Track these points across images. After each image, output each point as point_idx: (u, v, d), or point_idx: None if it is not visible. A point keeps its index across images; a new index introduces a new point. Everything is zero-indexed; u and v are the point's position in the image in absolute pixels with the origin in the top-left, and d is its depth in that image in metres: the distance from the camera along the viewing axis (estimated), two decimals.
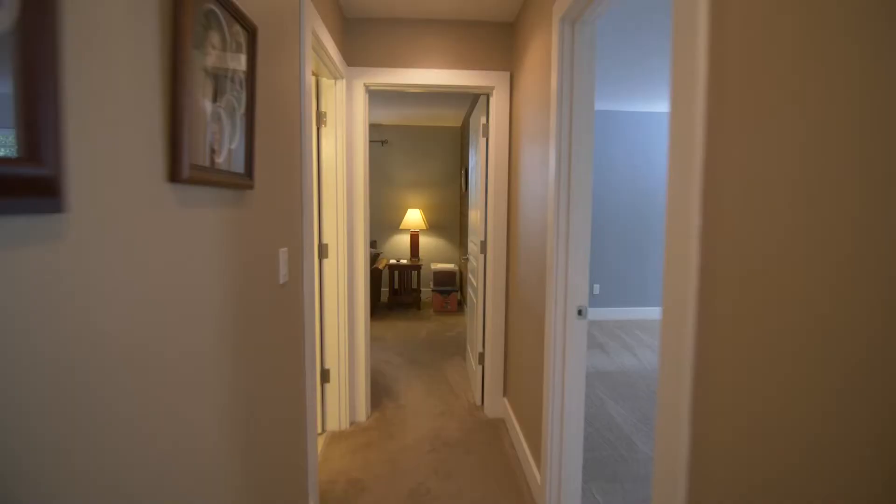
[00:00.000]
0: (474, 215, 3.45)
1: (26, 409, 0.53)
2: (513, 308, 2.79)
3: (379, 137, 6.45)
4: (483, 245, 3.05)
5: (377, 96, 4.85)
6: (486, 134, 3.04)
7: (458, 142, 6.51)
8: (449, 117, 5.93)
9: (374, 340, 4.65)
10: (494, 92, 2.92)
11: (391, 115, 5.87)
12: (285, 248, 1.65)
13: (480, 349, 3.15)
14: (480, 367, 3.16)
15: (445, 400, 3.26)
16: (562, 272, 1.99)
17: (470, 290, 3.65)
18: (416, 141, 6.48)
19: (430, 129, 6.47)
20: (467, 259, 3.82)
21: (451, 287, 5.90)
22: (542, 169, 2.27)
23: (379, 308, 6.01)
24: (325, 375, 2.83)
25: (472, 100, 4.73)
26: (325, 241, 2.75)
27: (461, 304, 6.04)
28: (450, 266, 6.07)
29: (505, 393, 3.02)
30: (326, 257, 2.75)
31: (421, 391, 3.41)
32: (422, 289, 6.50)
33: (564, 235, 1.97)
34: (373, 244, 6.23)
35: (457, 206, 6.57)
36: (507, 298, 2.94)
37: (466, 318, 4.32)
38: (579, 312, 2.00)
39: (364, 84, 2.89)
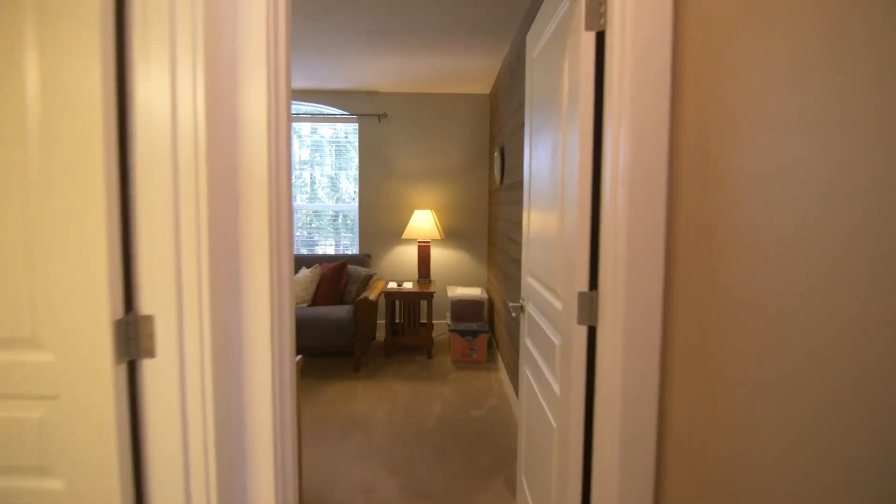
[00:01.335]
0: (539, 223, 1.63)
1: None
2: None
3: (374, 110, 4.63)
4: (587, 303, 1.19)
5: (360, 25, 3.01)
6: (596, 25, 1.18)
7: (487, 114, 4.66)
8: (475, 76, 4.09)
9: (355, 427, 2.82)
10: None
11: (390, 77, 4.06)
12: None
13: None
14: None
15: None
16: None
17: (529, 376, 1.81)
18: (426, 114, 4.66)
19: (446, 98, 4.64)
20: (520, 308, 1.97)
21: (478, 324, 4.06)
22: None
23: (371, 355, 4.19)
24: None
25: (523, 20, 2.85)
26: (144, 310, 0.92)
27: (492, 347, 4.19)
28: (475, 292, 4.23)
29: None
30: (151, 356, 0.93)
31: None
32: (434, 322, 4.67)
33: None
34: (365, 261, 4.41)
35: (485, 206, 4.73)
36: (663, 456, 1.09)
37: (519, 414, 2.52)
38: None
39: None
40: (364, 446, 2.62)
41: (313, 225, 4.75)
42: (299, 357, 2.01)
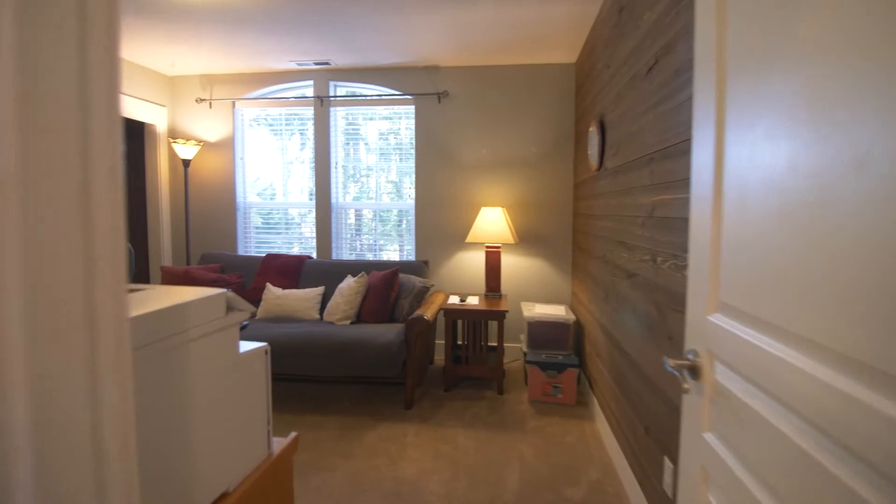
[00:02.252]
0: (783, 229, 0.74)
1: None
2: None
3: (433, 88, 3.86)
4: None
5: None
6: None
7: (571, 89, 3.75)
8: (558, 36, 3.20)
9: (400, 501, 2.02)
10: None
11: (452, 47, 3.27)
12: None
13: None
14: None
15: None
16: None
17: None
18: (495, 91, 3.82)
19: (520, 71, 3.78)
20: (689, 368, 1.06)
21: (563, 354, 3.14)
22: None
23: (427, 385, 3.39)
24: None
25: None
26: None
27: (581, 383, 3.22)
28: (558, 312, 3.32)
29: None
30: None
31: None
32: (505, 344, 3.81)
33: None
34: (421, 269, 3.63)
35: (568, 201, 3.81)
36: None
37: None
38: None
39: None
40: None
41: (378, 230, 4.07)
42: (294, 434, 1.24)
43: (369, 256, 4.13)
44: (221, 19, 2.95)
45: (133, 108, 3.80)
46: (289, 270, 3.71)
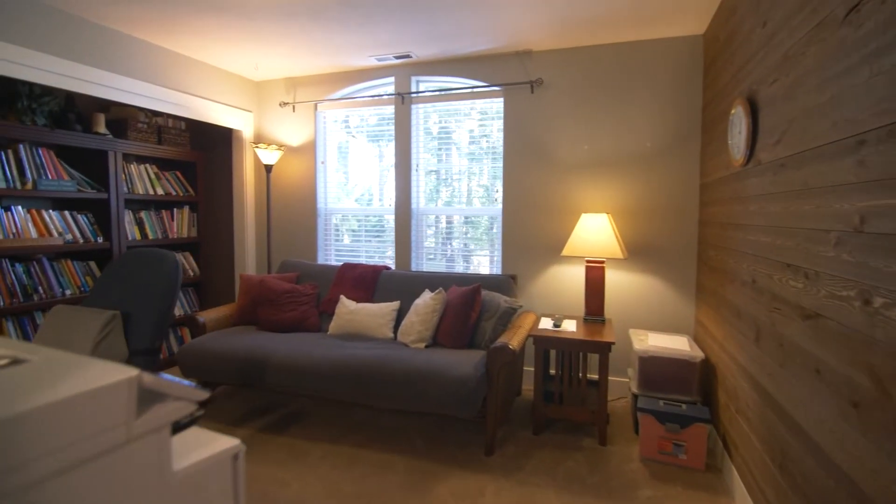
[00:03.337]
0: None
1: None
2: None
3: (525, 76, 3.36)
4: None
5: None
6: None
7: (699, 66, 3.02)
8: (683, 1, 2.53)
9: None
10: None
11: (547, 24, 2.74)
12: None
13: None
14: None
15: None
16: None
17: None
18: (598, 77, 3.21)
19: (628, 50, 3.13)
20: None
21: (687, 401, 2.47)
22: None
23: (512, 423, 2.87)
24: None
25: None
26: None
27: (710, 437, 2.50)
28: (678, 345, 2.63)
29: None
30: None
31: None
32: (610, 377, 3.17)
33: None
34: (507, 285, 3.13)
35: (692, 206, 3.08)
36: None
37: None
38: None
39: None
40: None
41: (469, 235, 3.66)
42: None
43: (459, 262, 3.72)
44: (298, 12, 2.73)
45: (221, 114, 3.78)
46: (364, 282, 3.42)
